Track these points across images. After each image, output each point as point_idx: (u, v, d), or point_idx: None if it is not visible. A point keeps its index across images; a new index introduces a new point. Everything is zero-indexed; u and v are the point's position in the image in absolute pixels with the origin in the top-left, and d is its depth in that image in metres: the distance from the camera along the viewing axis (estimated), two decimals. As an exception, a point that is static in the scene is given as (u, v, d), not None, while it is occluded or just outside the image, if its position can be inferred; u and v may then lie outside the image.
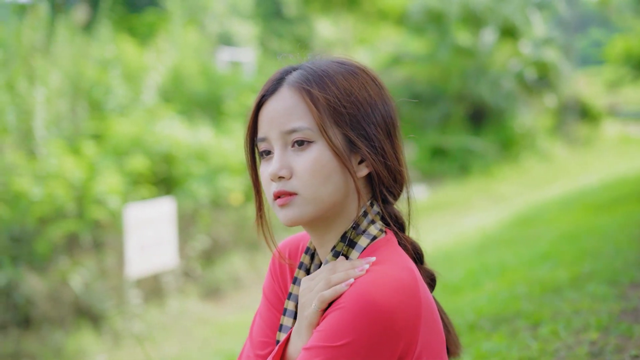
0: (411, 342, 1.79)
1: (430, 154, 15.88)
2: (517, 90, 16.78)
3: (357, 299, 1.76)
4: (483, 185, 14.21)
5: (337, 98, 1.91)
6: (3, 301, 9.96)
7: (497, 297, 4.08)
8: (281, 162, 1.91)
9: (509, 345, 3.24)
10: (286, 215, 1.92)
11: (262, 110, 1.98)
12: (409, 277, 1.83)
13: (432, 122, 16.51)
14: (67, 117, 12.06)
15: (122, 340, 9.44)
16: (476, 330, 3.58)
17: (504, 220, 9.68)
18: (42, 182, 10.56)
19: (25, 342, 9.62)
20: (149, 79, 13.03)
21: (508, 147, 16.32)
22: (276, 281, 2.21)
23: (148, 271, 9.81)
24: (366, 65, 2.05)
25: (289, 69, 2.01)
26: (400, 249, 1.96)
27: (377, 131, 1.94)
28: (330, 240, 1.98)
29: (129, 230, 9.51)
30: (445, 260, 7.06)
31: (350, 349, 1.74)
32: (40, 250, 10.32)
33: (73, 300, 10.16)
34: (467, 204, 12.95)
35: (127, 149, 11.51)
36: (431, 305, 1.88)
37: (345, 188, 1.93)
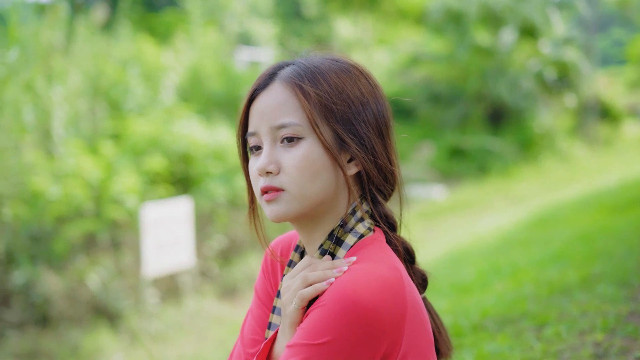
0: (395, 343, 1.77)
1: (448, 154, 15.84)
2: (536, 90, 16.70)
3: (338, 296, 1.75)
4: (502, 186, 14.15)
5: (329, 95, 1.90)
6: (21, 300, 10.03)
7: (504, 298, 4.06)
8: (269, 157, 1.90)
9: (512, 346, 3.22)
10: (272, 211, 1.91)
11: (253, 105, 1.97)
12: (393, 276, 1.81)
13: (451, 122, 16.47)
14: (86, 117, 12.11)
15: (139, 340, 9.46)
16: (480, 331, 3.56)
17: (521, 221, 9.63)
18: (60, 181, 10.62)
19: (43, 341, 9.68)
20: (168, 78, 13.07)
21: (527, 147, 16.25)
22: (267, 279, 2.21)
23: (165, 271, 9.83)
24: (360, 63, 2.03)
25: (282, 64, 2.00)
26: (387, 247, 1.94)
27: (368, 130, 1.93)
28: (318, 238, 1.97)
29: (146, 230, 9.53)
30: (458, 261, 7.04)
31: (331, 347, 1.72)
32: (58, 250, 10.38)
33: (90, 299, 10.21)
34: (486, 205, 12.90)
35: (145, 148, 11.55)
36: (418, 305, 1.85)
37: (334, 186, 1.92)
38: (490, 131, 16.38)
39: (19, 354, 9.42)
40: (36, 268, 10.19)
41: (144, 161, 11.31)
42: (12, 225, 10.54)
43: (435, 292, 5.17)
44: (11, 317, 9.94)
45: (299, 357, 1.75)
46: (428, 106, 17.13)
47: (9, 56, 12.19)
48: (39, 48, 12.76)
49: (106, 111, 12.44)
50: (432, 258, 8.56)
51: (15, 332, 9.75)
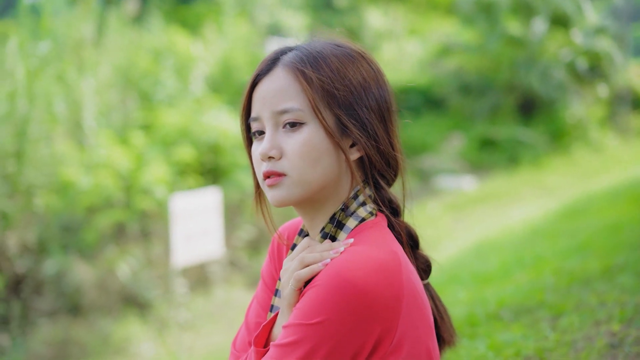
0: (390, 327, 1.78)
1: (479, 145, 15.75)
2: (568, 81, 16.53)
3: (332, 277, 1.76)
4: (532, 177, 14.06)
5: (331, 80, 1.92)
6: (53, 289, 10.14)
7: (522, 288, 4.05)
8: (271, 142, 1.92)
9: (526, 336, 3.21)
10: (274, 196, 1.93)
11: (256, 90, 1.98)
12: (390, 260, 1.82)
13: (481, 113, 16.37)
14: (117, 108, 12.20)
15: (168, 329, 9.53)
16: (496, 320, 3.55)
17: (551, 212, 9.58)
18: (91, 172, 10.72)
19: (74, 329, 9.78)
20: (198, 69, 13.11)
21: (558, 138, 16.11)
22: (273, 263, 2.23)
23: (194, 261, 9.87)
24: (363, 48, 2.05)
25: (284, 49, 2.02)
26: (388, 232, 1.96)
27: (370, 115, 1.95)
28: (321, 222, 1.98)
29: (175, 220, 9.58)
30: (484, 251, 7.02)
31: (325, 327, 1.74)
32: (89, 239, 10.48)
33: (120, 288, 10.30)
34: (516, 196, 12.84)
35: (175, 139, 11.61)
36: (416, 290, 1.86)
37: (336, 171, 1.94)
38: (521, 122, 16.27)
39: (50, 342, 9.53)
40: (67, 257, 10.29)
41: (173, 152, 11.38)
42: (44, 215, 10.65)
43: (457, 282, 5.17)
44: (43, 306, 10.05)
45: (294, 337, 1.76)
46: (458, 97, 17.04)
47: (42, 48, 12.30)
48: (71, 40, 12.87)
49: (137, 102, 12.51)
50: (459, 249, 8.55)
51: (47, 321, 9.86)
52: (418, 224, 7.71)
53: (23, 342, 9.46)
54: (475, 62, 17.37)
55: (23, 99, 11.02)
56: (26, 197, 10.65)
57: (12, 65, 11.48)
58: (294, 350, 1.75)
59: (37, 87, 11.35)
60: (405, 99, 17.30)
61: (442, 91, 17.48)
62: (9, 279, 10.10)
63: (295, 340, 1.76)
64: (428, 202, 13.20)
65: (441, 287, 5.17)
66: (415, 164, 15.25)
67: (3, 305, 9.83)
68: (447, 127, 16.61)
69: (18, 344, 9.40)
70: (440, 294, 4.77)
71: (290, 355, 1.76)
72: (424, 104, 17.48)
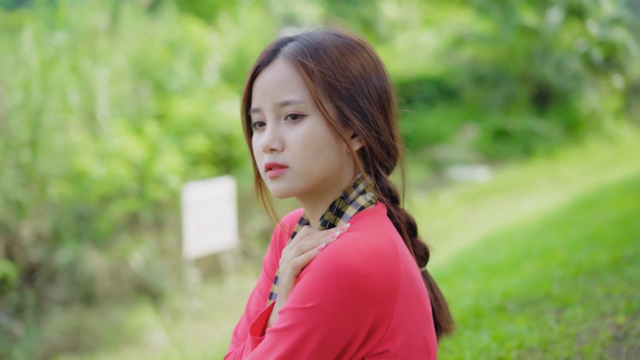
0: (385, 312, 1.78)
1: (492, 136, 15.69)
2: (583, 71, 16.42)
3: (327, 261, 1.77)
4: (547, 168, 14.01)
5: (332, 71, 1.92)
6: (66, 278, 10.19)
7: (529, 279, 4.04)
8: (273, 134, 1.93)
9: (531, 327, 3.21)
10: (276, 188, 1.95)
11: (256, 81, 1.99)
12: (386, 246, 1.83)
13: (495, 104, 16.30)
14: (131, 98, 12.23)
15: (181, 319, 9.56)
16: (501, 312, 3.55)
17: (563, 203, 9.55)
18: (105, 161, 10.76)
19: (87, 318, 9.83)
20: (212, 59, 13.12)
21: (573, 129, 16.02)
22: (275, 253, 2.24)
23: (207, 250, 9.88)
24: (363, 38, 2.05)
25: (284, 39, 2.02)
26: (387, 220, 1.97)
27: (370, 106, 1.95)
28: (321, 211, 2.00)
29: (188, 210, 9.59)
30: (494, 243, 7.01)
31: (320, 311, 1.74)
32: (102, 229, 10.52)
33: (133, 278, 10.35)
34: (529, 187, 12.79)
35: (188, 129, 11.63)
36: (413, 279, 1.86)
37: (338, 162, 1.95)
38: (535, 113, 16.19)
39: (64, 330, 9.59)
40: (81, 247, 10.34)
41: (187, 141, 11.40)
42: (58, 204, 10.70)
43: (465, 273, 5.17)
44: (57, 295, 10.11)
45: (290, 321, 1.77)
46: (472, 87, 16.96)
47: (57, 38, 12.35)
48: (85, 30, 12.90)
49: (151, 92, 12.53)
50: (470, 240, 8.54)
51: (60, 310, 9.92)
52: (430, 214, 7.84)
53: (37, 330, 9.52)
54: (489, 53, 17.29)
55: (38, 89, 11.08)
56: (40, 186, 10.71)
57: (27, 55, 11.53)
58: (290, 335, 1.77)
59: (52, 77, 11.39)
60: (419, 90, 17.34)
61: (456, 82, 17.42)
62: (23, 268, 10.16)
63: (291, 324, 1.77)
64: (441, 193, 13.18)
65: (449, 278, 5.19)
66: (429, 155, 15.23)
67: (17, 294, 9.89)
68: (461, 118, 16.55)
69: (32, 333, 9.46)
70: (448, 285, 4.79)
71: (285, 339, 1.77)
72: (437, 94, 17.44)
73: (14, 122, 10.78)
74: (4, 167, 10.50)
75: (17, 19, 13.44)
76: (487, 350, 3.04)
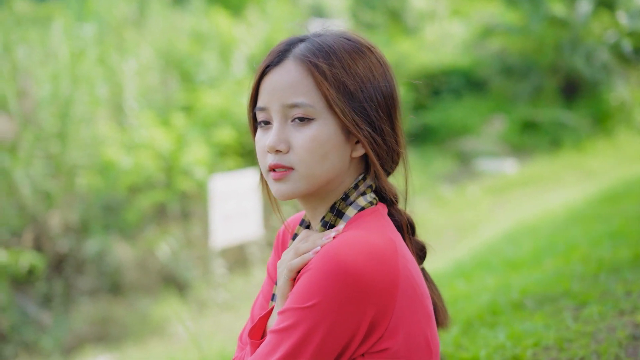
0: (385, 310, 1.79)
1: (520, 128, 15.59)
2: (612, 62, 16.26)
3: (325, 260, 1.77)
4: (575, 160, 13.90)
5: (341, 76, 1.91)
6: (94, 268, 10.27)
7: (549, 275, 4.01)
8: (279, 135, 1.92)
9: (548, 325, 3.19)
10: (279, 189, 1.94)
11: (264, 80, 1.97)
12: (385, 245, 1.83)
13: (523, 95, 16.19)
14: (158, 89, 12.29)
15: (207, 309, 9.60)
16: (519, 309, 3.53)
17: (591, 196, 9.46)
18: (132, 152, 10.82)
19: (114, 308, 9.91)
20: (239, 51, 13.14)
21: (602, 120, 15.89)
22: (277, 257, 2.24)
23: (233, 241, 9.93)
24: (372, 43, 2.03)
25: (295, 40, 2.00)
26: (386, 219, 1.97)
27: (377, 111, 1.94)
28: (322, 212, 2.00)
29: (214, 201, 9.64)
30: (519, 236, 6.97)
31: (319, 309, 1.75)
32: (130, 219, 10.60)
33: (160, 268, 10.41)
34: (558, 179, 12.72)
35: (215, 120, 11.67)
36: (413, 279, 1.87)
37: (341, 166, 1.95)
38: (564, 104, 16.06)
39: (91, 320, 9.67)
40: (108, 237, 10.42)
41: (213, 133, 11.44)
42: (86, 195, 10.79)
43: (486, 268, 5.16)
44: (84, 285, 10.20)
45: (289, 321, 1.78)
46: (500, 78, 16.87)
47: (86, 30, 12.43)
48: (113, 21, 12.98)
49: (178, 83, 12.58)
50: (496, 233, 8.51)
51: (87, 300, 10.01)
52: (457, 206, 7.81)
53: (65, 320, 9.61)
54: (518, 44, 17.17)
55: (66, 81, 11.16)
56: (69, 177, 10.80)
57: (56, 48, 11.62)
58: (290, 335, 1.77)
59: (80, 69, 11.48)
60: (446, 81, 17.28)
61: (484, 73, 17.33)
62: (51, 258, 10.26)
63: (291, 324, 1.77)
64: (468, 185, 13.14)
65: (470, 273, 5.18)
66: (456, 146, 15.19)
67: (45, 284, 9.99)
68: (489, 110, 16.47)
69: (60, 322, 9.56)
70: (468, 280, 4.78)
71: (287, 339, 1.78)
72: (465, 85, 17.36)
73: (43, 114, 10.88)
74: (33, 158, 10.60)
75: (46, 11, 13.55)
76: (502, 348, 3.03)
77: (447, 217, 11.53)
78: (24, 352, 9.19)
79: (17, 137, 10.90)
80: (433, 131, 15.76)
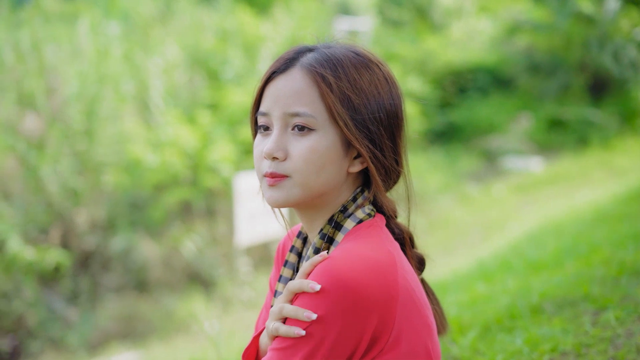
0: (386, 323, 1.79)
1: (547, 126, 15.49)
2: (641, 60, 16.17)
3: (324, 276, 1.76)
4: (602, 158, 13.78)
5: (347, 89, 1.91)
6: (120, 265, 10.34)
7: (569, 279, 3.98)
8: (277, 142, 1.91)
9: (566, 330, 3.17)
10: (272, 196, 1.93)
11: (269, 85, 1.97)
12: (384, 257, 1.83)
13: (550, 93, 16.09)
14: (184, 87, 12.33)
15: (232, 307, 9.63)
16: (538, 313, 3.51)
17: (618, 195, 9.37)
18: (158, 150, 10.87)
19: (139, 305, 9.96)
20: (266, 49, 13.15)
21: (630, 118, 15.74)
22: (278, 271, 2.24)
23: (257, 240, 9.93)
24: (381, 59, 2.02)
25: (304, 49, 2.00)
26: (384, 231, 1.96)
27: (379, 129, 1.94)
28: (320, 224, 1.99)
29: (239, 199, 9.64)
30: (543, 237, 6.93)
31: (320, 326, 1.75)
32: (155, 217, 10.64)
33: (185, 266, 10.45)
34: (585, 178, 12.62)
35: (241, 118, 11.67)
36: (413, 291, 1.86)
37: (338, 179, 1.94)
38: (591, 102, 15.95)
39: (117, 317, 9.73)
40: (134, 234, 10.48)
41: (239, 130, 11.45)
42: (112, 192, 10.86)
43: (508, 270, 5.13)
44: (110, 282, 10.26)
45: (290, 342, 1.78)
46: (527, 76, 16.78)
47: (112, 28, 12.51)
48: (140, 19, 13.04)
49: (204, 81, 12.62)
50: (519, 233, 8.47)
51: (113, 296, 10.07)
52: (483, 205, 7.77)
53: (91, 316, 9.68)
54: (545, 41, 17.06)
55: (93, 79, 11.23)
56: (95, 174, 10.88)
57: (83, 45, 11.70)
58: (295, 353, 1.77)
59: (107, 67, 11.54)
60: (473, 79, 17.20)
61: (511, 70, 17.24)
62: (78, 255, 10.35)
63: (294, 342, 1.77)
64: (494, 183, 13.09)
65: (492, 275, 5.16)
66: (482, 145, 15.12)
67: (72, 280, 10.07)
68: (515, 107, 16.38)
69: (86, 319, 9.63)
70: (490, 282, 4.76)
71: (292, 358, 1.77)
72: (492, 83, 17.27)
73: (71, 112, 10.96)
74: (60, 156, 10.68)
75: (74, 9, 13.64)
76: (519, 353, 3.01)
77: (473, 215, 11.50)
78: (50, 348, 9.28)
79: (44, 135, 11.00)
80: (459, 129, 15.71)
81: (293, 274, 2.08)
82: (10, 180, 10.74)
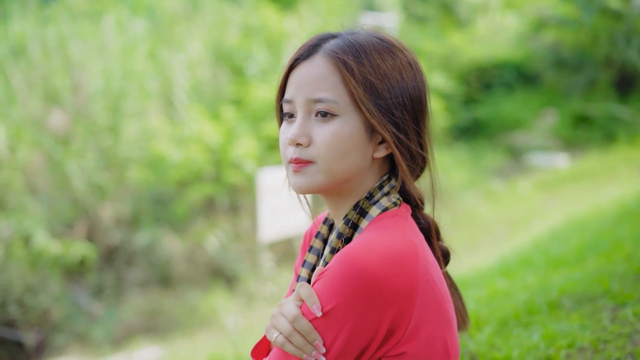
0: (403, 314, 1.78)
1: (573, 122, 15.38)
2: (669, 55, 16.02)
3: (343, 263, 1.76)
4: (629, 155, 13.65)
5: (369, 74, 1.91)
6: (144, 260, 10.39)
7: (589, 275, 3.95)
8: (301, 129, 1.92)
9: (584, 326, 3.14)
10: (297, 182, 1.94)
11: (293, 73, 1.97)
12: (405, 247, 1.82)
13: (576, 89, 15.96)
14: (208, 83, 12.36)
15: (255, 302, 9.64)
16: (556, 308, 3.49)
17: (642, 192, 9.31)
18: (182, 146, 10.91)
19: (163, 300, 10.01)
20: (290, 44, 13.15)
21: (658, 115, 15.67)
22: (303, 256, 2.23)
23: (281, 235, 9.93)
24: (406, 45, 2.02)
25: (326, 35, 2.00)
26: (409, 222, 1.96)
27: (403, 114, 1.93)
28: (345, 211, 1.99)
29: (262, 195, 9.65)
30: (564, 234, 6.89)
31: (337, 314, 1.75)
32: (179, 212, 10.69)
33: (208, 261, 10.48)
34: (611, 174, 12.51)
35: (265, 114, 11.69)
36: (434, 283, 1.86)
37: (362, 165, 1.94)
38: (618, 98, 15.79)
39: (141, 312, 9.79)
40: (158, 230, 10.53)
41: (263, 126, 11.46)
42: (136, 188, 10.92)
43: (529, 266, 5.11)
44: (134, 277, 10.32)
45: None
46: (553, 72, 16.66)
47: (137, 25, 12.56)
48: (165, 15, 13.09)
49: (228, 77, 12.64)
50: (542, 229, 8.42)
51: (138, 291, 10.13)
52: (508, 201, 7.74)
53: (115, 311, 9.74)
54: (571, 37, 16.93)
55: (118, 75, 11.29)
56: (120, 170, 10.94)
57: (108, 42, 11.76)
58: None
59: (131, 63, 11.60)
60: (498, 74, 17.11)
61: (536, 66, 17.13)
62: (102, 250, 10.42)
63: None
64: (519, 179, 13.02)
65: (512, 271, 5.13)
66: (507, 141, 15.05)
67: (97, 275, 10.14)
68: (541, 103, 16.27)
69: (110, 313, 9.69)
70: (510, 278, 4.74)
71: None
72: (517, 79, 17.16)
73: (96, 108, 11.03)
74: (85, 151, 10.75)
75: (100, 5, 13.71)
76: (535, 349, 2.99)
77: (498, 212, 11.44)
78: (75, 342, 9.35)
79: (70, 131, 11.08)
80: (484, 125, 15.63)
81: (317, 260, 2.09)
82: (36, 175, 10.83)
